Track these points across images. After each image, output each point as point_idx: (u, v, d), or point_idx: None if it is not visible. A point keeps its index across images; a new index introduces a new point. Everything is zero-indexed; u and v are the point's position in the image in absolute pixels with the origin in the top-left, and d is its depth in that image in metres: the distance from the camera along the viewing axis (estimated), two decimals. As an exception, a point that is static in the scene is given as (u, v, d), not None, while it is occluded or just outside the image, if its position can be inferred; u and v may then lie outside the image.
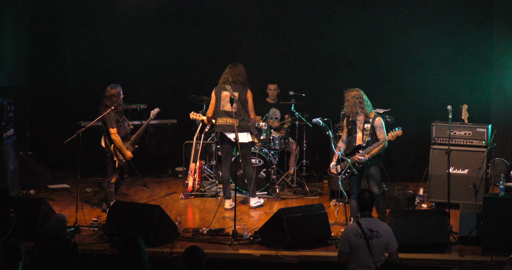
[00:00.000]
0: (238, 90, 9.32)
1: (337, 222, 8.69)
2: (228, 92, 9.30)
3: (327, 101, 11.26)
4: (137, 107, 10.86)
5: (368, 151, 8.32)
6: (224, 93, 9.32)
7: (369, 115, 8.43)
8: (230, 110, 9.14)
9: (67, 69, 11.55)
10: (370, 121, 8.38)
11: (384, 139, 8.33)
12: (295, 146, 10.67)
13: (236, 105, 9.14)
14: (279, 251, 7.68)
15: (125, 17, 11.40)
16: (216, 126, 9.40)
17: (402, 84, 11.12)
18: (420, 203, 9.68)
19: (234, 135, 8.98)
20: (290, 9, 11.34)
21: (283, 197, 10.09)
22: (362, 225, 6.44)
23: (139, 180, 10.70)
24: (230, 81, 9.34)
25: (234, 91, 9.30)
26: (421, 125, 10.65)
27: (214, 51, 11.50)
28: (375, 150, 8.36)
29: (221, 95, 9.33)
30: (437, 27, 10.96)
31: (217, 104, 9.37)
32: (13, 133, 9.85)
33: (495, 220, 7.72)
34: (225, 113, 9.30)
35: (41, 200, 8.30)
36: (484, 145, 9.38)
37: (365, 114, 8.42)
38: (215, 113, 9.40)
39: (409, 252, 7.50)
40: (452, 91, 10.85)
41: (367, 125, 8.41)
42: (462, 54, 10.85)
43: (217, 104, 9.36)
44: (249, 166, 9.56)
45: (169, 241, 7.89)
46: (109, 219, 8.07)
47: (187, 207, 9.71)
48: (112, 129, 8.90)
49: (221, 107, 9.34)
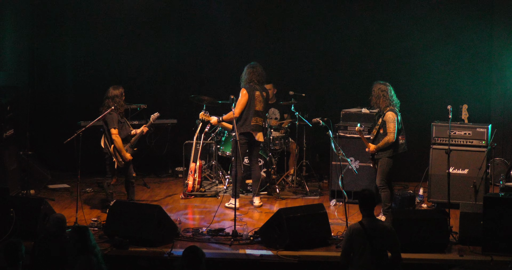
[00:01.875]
0: (264, 90, 9.49)
1: (337, 222, 8.69)
2: (259, 91, 9.38)
3: (327, 101, 11.26)
4: (137, 107, 10.85)
5: (375, 144, 8.56)
6: (257, 93, 9.38)
7: (384, 110, 8.60)
8: (260, 109, 9.36)
9: (67, 69, 11.54)
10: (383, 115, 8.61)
11: (389, 133, 8.46)
12: (295, 146, 10.67)
13: (263, 105, 9.37)
14: (279, 251, 7.68)
15: (125, 17, 11.40)
16: (247, 125, 9.35)
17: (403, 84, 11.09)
18: (420, 203, 9.68)
19: (258, 135, 9.31)
20: (290, 9, 11.33)
21: (283, 197, 10.09)
22: (365, 225, 6.43)
23: (139, 180, 10.70)
24: (257, 81, 9.39)
25: (263, 90, 9.43)
26: (421, 125, 10.64)
27: (214, 51, 11.49)
28: (380, 144, 8.55)
29: (255, 94, 9.37)
30: (438, 28, 10.96)
31: (250, 103, 9.37)
32: (13, 133, 9.84)
33: (495, 220, 7.71)
34: (256, 113, 9.36)
35: (41, 200, 8.30)
36: (484, 145, 9.38)
37: (382, 108, 8.64)
38: (247, 112, 9.37)
39: (409, 252, 7.49)
40: (452, 91, 10.85)
41: (380, 118, 8.68)
42: (462, 54, 10.85)
43: (251, 103, 9.37)
44: (257, 165, 9.68)
45: (169, 241, 7.88)
46: (109, 219, 8.07)
47: (187, 207, 9.71)
48: (113, 130, 8.89)
49: (254, 107, 9.37)
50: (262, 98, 9.39)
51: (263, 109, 9.42)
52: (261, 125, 9.43)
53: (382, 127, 8.64)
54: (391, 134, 8.55)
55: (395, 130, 8.57)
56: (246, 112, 9.34)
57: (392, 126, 8.55)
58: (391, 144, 8.59)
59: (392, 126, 8.55)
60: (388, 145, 8.58)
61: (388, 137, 8.55)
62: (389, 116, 8.59)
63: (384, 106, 8.66)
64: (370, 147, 8.63)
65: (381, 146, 8.58)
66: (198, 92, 10.96)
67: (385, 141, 8.56)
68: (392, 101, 8.67)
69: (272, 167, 10.25)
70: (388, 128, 8.56)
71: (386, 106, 8.65)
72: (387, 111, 8.62)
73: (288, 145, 10.59)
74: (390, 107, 8.64)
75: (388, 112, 8.61)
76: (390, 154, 8.64)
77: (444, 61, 10.96)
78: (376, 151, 8.64)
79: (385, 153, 8.63)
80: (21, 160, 10.02)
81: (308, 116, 10.33)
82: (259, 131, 9.42)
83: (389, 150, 8.62)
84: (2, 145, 9.45)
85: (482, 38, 10.80)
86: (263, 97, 9.40)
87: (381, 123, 8.65)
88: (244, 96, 9.32)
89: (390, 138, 8.55)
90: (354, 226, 6.49)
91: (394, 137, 8.55)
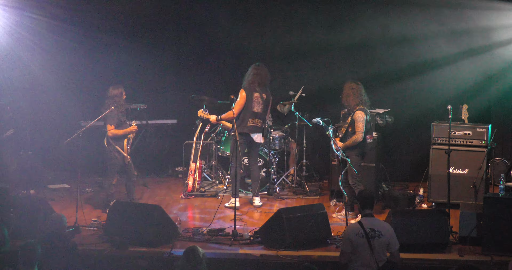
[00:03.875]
0: (266, 91, 9.46)
1: (337, 222, 8.69)
2: (258, 93, 9.37)
3: (327, 101, 11.26)
4: (137, 107, 10.85)
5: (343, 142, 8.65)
6: (256, 94, 9.37)
7: (354, 109, 8.62)
8: (259, 111, 9.34)
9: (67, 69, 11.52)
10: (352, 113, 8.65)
11: (357, 132, 8.54)
12: (295, 146, 10.67)
13: (262, 106, 9.35)
14: (279, 251, 7.68)
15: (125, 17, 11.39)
16: (244, 126, 9.35)
17: (402, 84, 11.12)
18: (420, 203, 9.68)
19: (256, 136, 9.33)
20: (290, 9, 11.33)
21: (283, 197, 10.09)
22: (364, 225, 6.43)
23: (139, 180, 10.70)
24: (258, 83, 9.38)
25: (263, 92, 9.40)
26: (421, 125, 10.65)
27: (214, 51, 11.49)
28: (347, 142, 8.65)
29: (253, 96, 9.36)
30: (438, 28, 10.95)
31: (248, 105, 9.37)
32: (13, 133, 9.84)
33: (495, 220, 7.71)
34: (254, 114, 9.36)
35: (41, 200, 8.30)
36: (484, 145, 9.38)
37: (351, 106, 8.68)
38: (244, 113, 9.38)
39: (409, 252, 7.50)
40: (452, 91, 10.85)
41: (349, 117, 8.72)
42: (462, 54, 10.84)
43: (248, 105, 9.37)
44: (256, 165, 9.66)
45: (169, 241, 7.88)
46: (109, 219, 8.07)
47: (187, 207, 9.71)
48: (109, 126, 8.88)
49: (252, 108, 9.37)
50: (261, 100, 9.39)
51: (262, 110, 9.42)
52: (259, 127, 9.43)
53: (351, 125, 8.67)
54: (359, 133, 8.61)
55: (363, 129, 8.61)
56: (244, 113, 9.35)
57: (360, 125, 8.60)
58: (358, 143, 8.63)
59: (361, 125, 8.60)
60: (356, 144, 8.62)
61: (356, 136, 8.62)
62: (358, 116, 8.64)
63: (354, 104, 8.71)
64: (337, 144, 8.66)
65: (348, 145, 8.64)
66: (198, 92, 10.96)
67: (352, 140, 8.62)
68: (362, 100, 8.70)
69: (272, 167, 10.25)
70: (356, 127, 8.61)
71: (356, 105, 8.70)
72: (357, 110, 8.67)
73: (288, 145, 10.59)
74: (360, 106, 8.69)
75: (358, 111, 8.66)
76: (357, 153, 8.70)
77: (444, 61, 10.95)
78: (344, 148, 8.66)
79: (352, 151, 8.66)
80: (21, 160, 10.02)
81: (308, 116, 10.34)
82: (257, 132, 9.42)
83: (356, 148, 8.66)
84: (2, 145, 9.44)
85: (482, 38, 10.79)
86: (262, 98, 9.39)
87: (350, 121, 8.69)
88: (243, 97, 9.33)
89: (358, 137, 8.61)
90: (353, 226, 6.49)
91: (362, 136, 8.61)
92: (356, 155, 8.70)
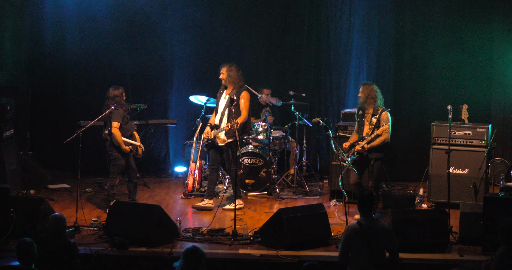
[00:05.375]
0: (232, 92, 9.28)
1: (337, 222, 8.69)
2: (223, 95, 9.35)
3: (327, 101, 11.26)
4: (137, 107, 10.85)
5: (368, 142, 8.53)
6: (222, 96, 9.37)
7: (377, 109, 8.60)
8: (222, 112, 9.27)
9: (67, 68, 11.53)
10: (377, 115, 8.59)
11: (384, 133, 8.45)
12: (295, 146, 10.67)
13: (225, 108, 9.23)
14: (279, 251, 7.68)
15: (125, 17, 11.39)
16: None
17: (403, 84, 11.12)
18: (420, 203, 9.68)
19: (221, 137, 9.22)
20: (290, 8, 11.33)
21: (283, 197, 10.08)
22: (363, 225, 6.43)
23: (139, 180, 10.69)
24: (224, 83, 9.34)
25: (228, 93, 9.30)
26: (421, 125, 10.65)
27: (214, 51, 11.48)
28: (375, 142, 8.52)
29: (221, 98, 9.37)
30: (438, 27, 10.95)
31: (217, 107, 9.40)
32: (13, 133, 9.84)
33: (495, 220, 7.70)
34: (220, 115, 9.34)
35: (41, 200, 8.29)
36: (484, 145, 9.38)
37: (374, 108, 8.64)
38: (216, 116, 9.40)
39: (409, 252, 7.50)
40: (452, 91, 10.85)
41: (374, 118, 8.63)
42: (462, 54, 10.84)
43: (217, 107, 9.40)
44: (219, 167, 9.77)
45: (169, 241, 7.88)
46: (109, 219, 8.07)
47: (187, 207, 9.71)
48: (115, 123, 8.85)
49: (218, 110, 9.36)
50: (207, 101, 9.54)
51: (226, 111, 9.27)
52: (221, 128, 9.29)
53: (376, 127, 8.63)
54: (387, 133, 8.58)
55: (390, 130, 8.60)
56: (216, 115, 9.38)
57: (387, 126, 8.57)
58: (386, 144, 8.61)
59: (387, 126, 8.57)
60: (383, 145, 8.60)
61: (384, 137, 8.59)
62: (387, 116, 8.64)
63: (375, 106, 8.67)
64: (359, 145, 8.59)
65: (375, 145, 8.58)
66: (198, 92, 10.96)
67: (381, 140, 8.57)
68: (382, 101, 8.75)
69: (272, 167, 10.25)
70: (384, 128, 8.56)
71: (379, 106, 8.68)
72: (382, 110, 8.65)
73: (288, 145, 10.59)
74: (382, 108, 8.69)
75: (384, 112, 8.66)
76: (383, 155, 8.68)
77: (445, 61, 10.95)
78: (368, 150, 8.62)
79: (378, 153, 8.63)
80: (21, 160, 10.02)
81: (308, 116, 10.34)
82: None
83: (384, 150, 8.64)
84: (2, 145, 9.44)
85: (482, 38, 10.79)
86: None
87: (376, 123, 8.62)
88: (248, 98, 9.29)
89: (386, 138, 8.59)
90: (352, 225, 6.49)
91: (389, 137, 8.58)
92: (381, 158, 8.67)
